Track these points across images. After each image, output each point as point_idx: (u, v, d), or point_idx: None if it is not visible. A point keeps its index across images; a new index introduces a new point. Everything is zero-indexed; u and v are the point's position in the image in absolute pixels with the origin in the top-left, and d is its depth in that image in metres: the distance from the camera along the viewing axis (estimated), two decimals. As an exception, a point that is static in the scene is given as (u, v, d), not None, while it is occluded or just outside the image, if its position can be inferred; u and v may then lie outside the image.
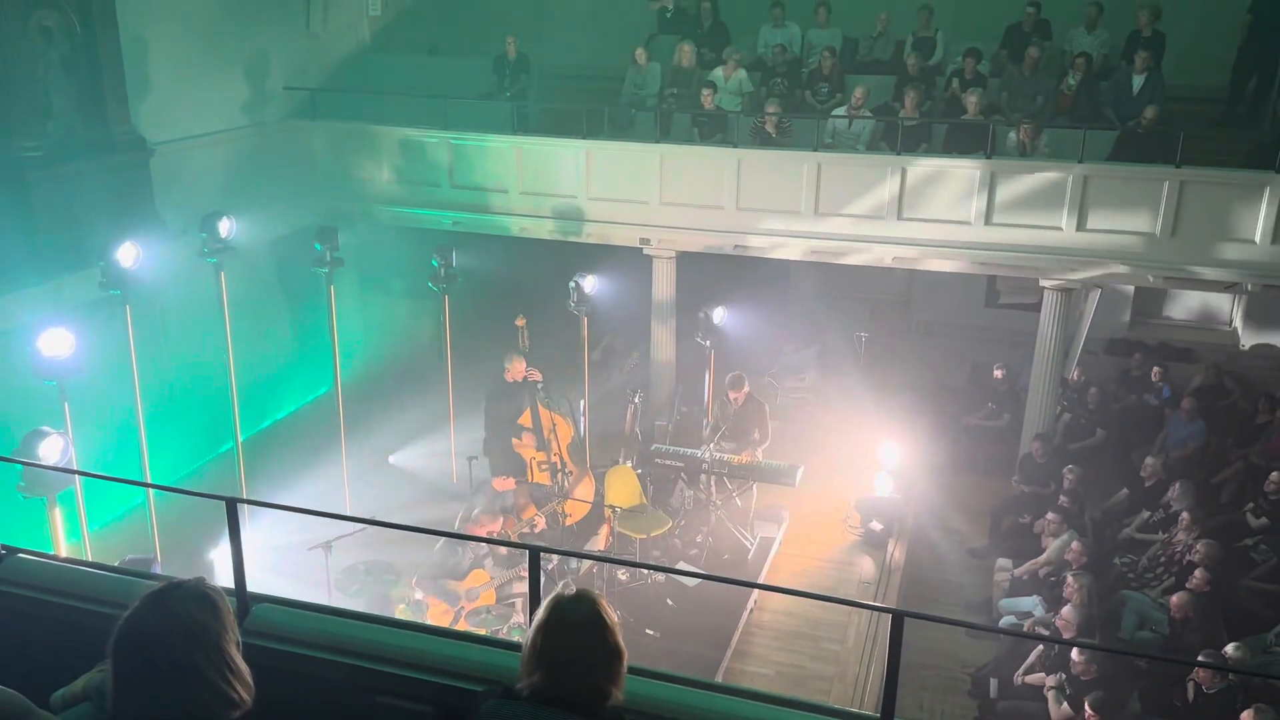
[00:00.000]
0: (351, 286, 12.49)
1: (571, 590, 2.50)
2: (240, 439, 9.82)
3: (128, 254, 8.16)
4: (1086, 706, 7.02)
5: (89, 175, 9.72)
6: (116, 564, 4.89)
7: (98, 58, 9.71)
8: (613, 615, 2.46)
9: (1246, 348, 13.18)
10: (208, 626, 2.17)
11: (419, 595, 7.81)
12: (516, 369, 9.57)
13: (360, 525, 8.30)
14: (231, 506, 3.19)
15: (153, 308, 9.52)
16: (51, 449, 6.46)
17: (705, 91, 11.49)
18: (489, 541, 7.54)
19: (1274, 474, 9.34)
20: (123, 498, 9.84)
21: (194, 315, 9.96)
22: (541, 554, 4.86)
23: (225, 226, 9.09)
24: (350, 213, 11.90)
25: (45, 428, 6.58)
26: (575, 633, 2.40)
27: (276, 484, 10.13)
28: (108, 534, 9.29)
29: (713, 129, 11.61)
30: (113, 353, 8.25)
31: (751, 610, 8.99)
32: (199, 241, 9.12)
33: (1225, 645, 7.43)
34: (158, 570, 5.69)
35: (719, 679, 8.02)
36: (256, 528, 8.92)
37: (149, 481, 8.69)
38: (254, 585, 3.25)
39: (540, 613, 2.45)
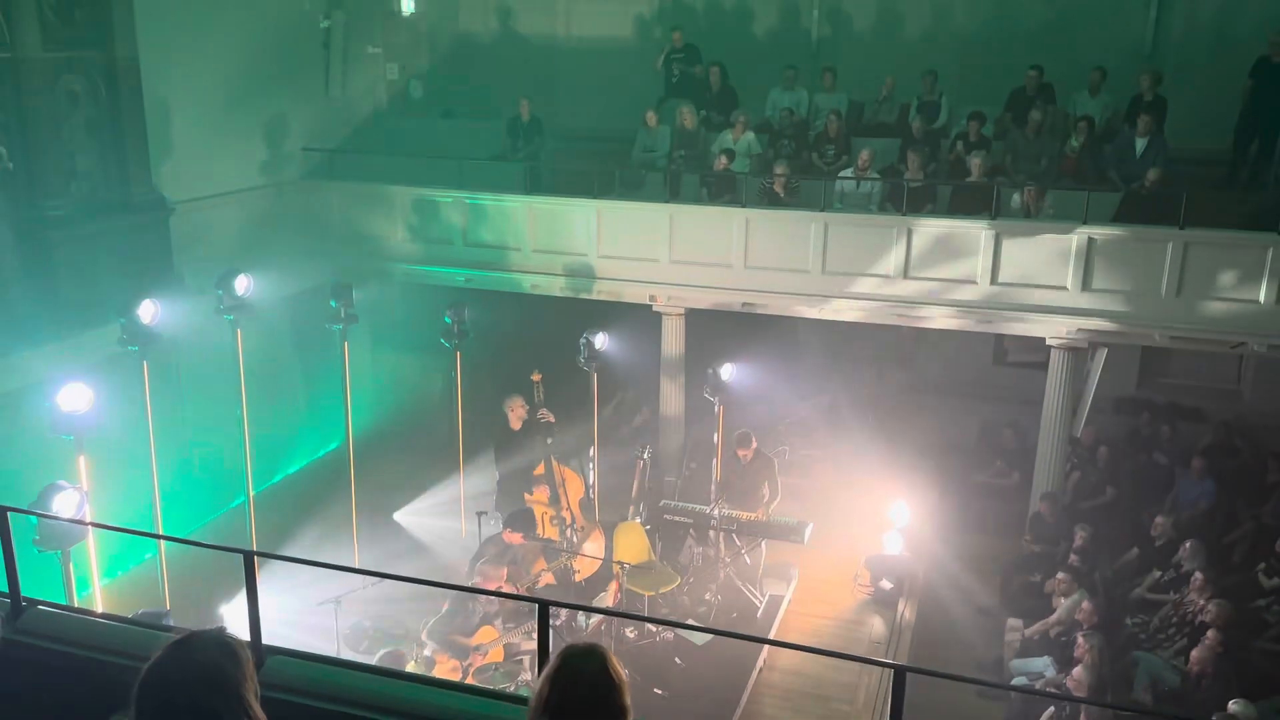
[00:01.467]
0: (365, 343, 12.63)
1: (582, 644, 2.50)
2: (252, 493, 9.87)
3: (147, 311, 8.30)
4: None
5: (110, 234, 9.93)
6: (129, 618, 4.93)
7: (121, 120, 9.98)
8: (622, 673, 2.46)
9: (1255, 408, 13.15)
10: (229, 674, 2.22)
11: (428, 651, 7.80)
12: (517, 410, 9.63)
13: (370, 580, 8.34)
14: (249, 560, 3.26)
15: (169, 363, 9.64)
16: (67, 503, 6.52)
17: (721, 158, 11.67)
18: (498, 595, 7.53)
19: (1285, 534, 9.31)
20: (132, 551, 9.87)
21: (209, 370, 10.07)
22: (550, 609, 4.87)
23: (242, 284, 9.24)
24: (365, 270, 12.08)
25: (61, 482, 6.64)
26: (584, 688, 2.40)
27: (286, 538, 10.16)
28: (116, 586, 9.31)
29: (721, 189, 11.79)
30: (129, 407, 8.35)
31: (760, 670, 8.93)
32: (216, 298, 9.28)
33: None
34: (170, 624, 5.72)
35: (728, 739, 7.97)
36: (265, 582, 8.91)
37: (162, 534, 8.72)
38: (265, 639, 3.31)
39: (551, 663, 2.46)
